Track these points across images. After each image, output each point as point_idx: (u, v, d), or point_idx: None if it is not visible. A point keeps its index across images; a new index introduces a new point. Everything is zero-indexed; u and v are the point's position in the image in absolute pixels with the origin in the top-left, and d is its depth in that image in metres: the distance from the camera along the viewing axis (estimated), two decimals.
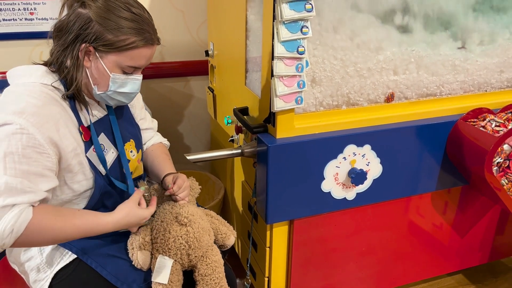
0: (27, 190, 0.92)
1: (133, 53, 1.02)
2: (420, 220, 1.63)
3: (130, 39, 1.00)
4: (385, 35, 1.39)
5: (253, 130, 1.33)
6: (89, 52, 1.01)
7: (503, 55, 1.55)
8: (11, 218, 0.89)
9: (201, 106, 2.23)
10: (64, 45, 1.01)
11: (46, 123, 0.95)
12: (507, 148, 1.36)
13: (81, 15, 0.99)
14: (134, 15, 1.01)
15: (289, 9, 1.10)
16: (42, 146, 0.93)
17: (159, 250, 1.10)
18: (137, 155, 1.21)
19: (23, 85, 1.00)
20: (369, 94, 1.40)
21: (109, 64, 1.02)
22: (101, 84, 1.04)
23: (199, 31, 2.11)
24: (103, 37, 0.99)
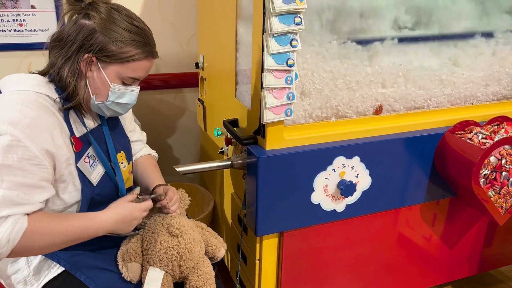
0: (23, 202, 0.92)
1: (134, 65, 1.04)
2: (409, 231, 1.64)
3: (133, 51, 1.02)
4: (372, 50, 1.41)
5: (243, 142, 1.33)
6: (92, 62, 1.02)
7: (488, 69, 1.58)
8: (7, 228, 0.89)
9: (191, 118, 2.23)
10: (67, 55, 1.02)
11: (41, 134, 0.95)
12: (494, 160, 1.38)
13: (85, 26, 1.00)
14: (137, 28, 1.04)
15: (279, 22, 1.11)
16: (37, 157, 0.93)
17: (150, 262, 1.09)
18: (128, 167, 1.21)
19: (17, 93, 0.99)
20: (358, 107, 1.41)
21: (110, 74, 1.03)
22: (100, 94, 1.06)
23: (189, 43, 2.12)
24: (107, 48, 1.00)
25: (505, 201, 1.47)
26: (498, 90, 1.63)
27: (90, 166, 1.07)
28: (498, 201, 1.46)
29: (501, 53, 1.60)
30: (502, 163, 1.39)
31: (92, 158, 1.09)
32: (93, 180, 1.08)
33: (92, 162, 1.09)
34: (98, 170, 1.10)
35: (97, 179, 1.09)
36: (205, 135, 1.98)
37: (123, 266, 1.08)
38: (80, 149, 1.05)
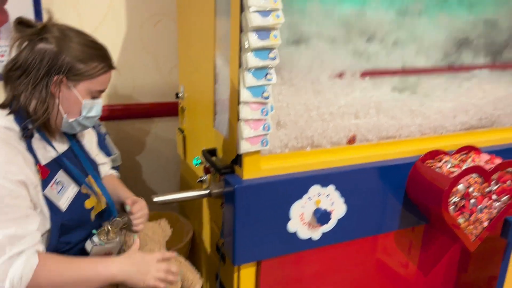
0: (23, 234, 0.95)
1: (102, 78, 1.11)
2: (385, 258, 1.67)
3: (99, 66, 1.08)
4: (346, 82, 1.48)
5: (220, 171, 1.36)
6: (61, 83, 1.05)
7: (455, 100, 1.67)
8: (19, 265, 0.92)
9: (171, 147, 2.25)
10: (35, 82, 1.03)
11: (9, 168, 0.97)
12: (462, 188, 1.44)
13: (47, 49, 1.03)
14: (94, 43, 1.10)
15: (254, 57, 1.16)
16: (14, 191, 0.95)
17: None
18: (97, 189, 1.22)
19: None
20: (332, 137, 1.46)
21: (81, 91, 1.08)
22: (72, 112, 1.09)
23: (170, 73, 2.17)
24: (75, 67, 1.05)
25: (475, 228, 1.52)
26: (466, 121, 1.70)
27: (58, 192, 1.08)
28: (468, 227, 1.51)
29: (467, 84, 1.69)
30: (470, 191, 1.45)
31: (60, 184, 1.10)
32: (61, 206, 1.08)
33: (60, 188, 1.10)
34: (67, 195, 1.11)
35: (66, 205, 1.10)
36: (185, 164, 2.00)
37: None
38: (47, 176, 1.07)
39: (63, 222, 1.08)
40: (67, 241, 1.11)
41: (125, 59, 2.06)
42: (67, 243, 1.11)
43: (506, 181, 1.52)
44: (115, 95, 2.10)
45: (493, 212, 1.54)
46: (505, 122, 1.80)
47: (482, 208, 1.50)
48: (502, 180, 1.51)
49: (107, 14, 1.97)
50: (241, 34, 1.16)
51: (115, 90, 2.09)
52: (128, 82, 2.11)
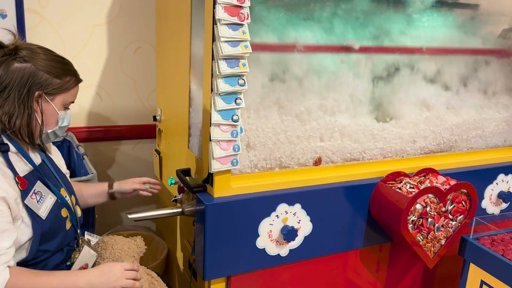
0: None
1: (74, 91, 1.22)
2: (353, 276, 1.74)
3: (72, 79, 1.19)
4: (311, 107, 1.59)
5: (192, 190, 1.43)
6: (40, 97, 1.14)
7: (414, 127, 1.79)
8: None
9: (148, 168, 2.32)
10: (18, 100, 1.11)
11: None
12: (419, 207, 1.54)
13: (26, 68, 1.11)
14: (63, 59, 1.21)
15: (224, 83, 1.26)
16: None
17: None
18: (71, 199, 1.29)
19: None
20: (299, 158, 1.56)
21: (58, 104, 1.18)
22: (49, 123, 1.18)
23: (149, 98, 2.25)
24: (52, 82, 1.15)
25: (433, 245, 1.62)
26: (425, 145, 1.83)
27: (37, 201, 1.15)
28: (426, 245, 1.60)
29: (426, 113, 1.82)
30: (427, 210, 1.56)
31: (38, 194, 1.16)
32: (41, 214, 1.14)
33: (39, 197, 1.16)
34: (46, 204, 1.17)
35: (45, 213, 1.16)
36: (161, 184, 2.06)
37: None
38: (26, 187, 1.13)
39: (44, 230, 1.13)
40: (46, 249, 1.16)
41: (106, 83, 2.14)
42: (45, 251, 1.16)
43: (461, 201, 1.63)
44: (95, 117, 2.17)
45: (450, 231, 1.64)
46: (462, 146, 1.93)
47: (439, 226, 1.60)
48: (457, 200, 1.62)
49: (89, 39, 2.05)
50: (213, 61, 1.26)
51: (95, 113, 2.16)
52: (107, 105, 2.18)
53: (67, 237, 1.24)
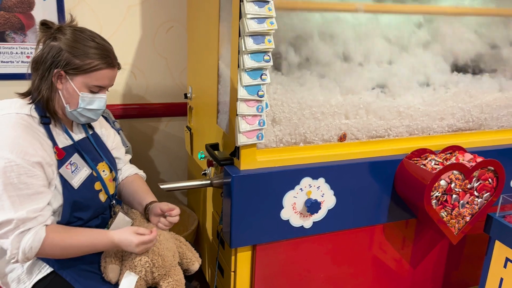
0: (34, 215, 1.12)
1: (97, 74, 1.23)
2: (374, 250, 1.78)
3: (95, 63, 1.21)
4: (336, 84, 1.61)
5: (220, 163, 1.50)
6: (61, 76, 1.20)
7: (442, 104, 1.78)
8: (29, 239, 1.11)
9: (180, 144, 2.41)
10: (43, 74, 1.20)
11: (27, 150, 1.13)
12: (444, 184, 1.55)
13: (53, 46, 1.20)
14: (97, 44, 1.23)
15: (250, 59, 1.31)
16: (30, 170, 1.12)
17: (126, 266, 1.23)
18: (109, 175, 1.38)
19: (3, 117, 1.18)
20: (324, 135, 1.59)
21: (78, 84, 1.22)
22: (72, 103, 1.24)
23: (180, 76, 2.33)
24: (72, 62, 1.19)
25: (457, 222, 1.63)
26: (453, 123, 1.82)
27: (72, 172, 1.24)
28: (450, 221, 1.61)
29: (454, 89, 1.80)
30: (452, 187, 1.56)
31: (74, 165, 1.26)
32: (74, 184, 1.24)
33: (74, 168, 1.26)
34: (80, 175, 1.27)
35: (78, 184, 1.25)
36: (191, 159, 2.15)
37: (105, 267, 1.22)
38: (63, 157, 1.23)
39: (76, 199, 1.23)
40: (79, 216, 1.26)
41: (140, 63, 2.23)
42: (79, 219, 1.26)
43: (487, 179, 1.63)
44: (130, 95, 2.27)
45: (475, 208, 1.65)
46: (492, 125, 1.90)
47: (464, 203, 1.61)
48: (483, 177, 1.61)
49: (124, 20, 2.14)
50: (239, 38, 1.31)
51: (129, 91, 2.26)
52: (141, 84, 2.27)
53: (101, 207, 1.34)
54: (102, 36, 1.28)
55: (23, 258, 1.12)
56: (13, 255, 1.12)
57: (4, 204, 1.09)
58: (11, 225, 1.10)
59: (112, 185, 1.39)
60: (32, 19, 1.98)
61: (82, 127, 1.37)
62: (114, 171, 1.41)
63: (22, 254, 1.11)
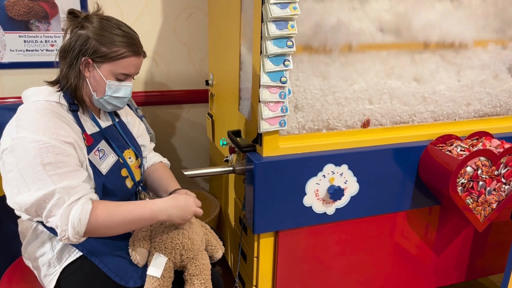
0: (76, 185, 1.13)
1: (124, 62, 1.24)
2: (397, 237, 1.77)
3: (121, 51, 1.22)
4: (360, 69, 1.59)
5: (242, 149, 1.50)
6: (88, 64, 1.22)
7: (469, 90, 1.74)
8: (76, 211, 1.11)
9: (201, 131, 2.42)
10: (71, 62, 1.22)
11: (58, 132, 1.15)
12: (470, 170, 1.52)
13: (81, 35, 1.21)
14: (124, 32, 1.24)
15: (273, 45, 1.30)
16: (65, 150, 1.14)
17: (156, 248, 1.26)
18: (135, 162, 1.40)
19: (33, 104, 1.20)
20: (347, 121, 1.57)
21: (104, 72, 1.23)
22: (99, 91, 1.25)
23: (201, 63, 2.33)
24: (99, 50, 1.21)
25: (484, 209, 1.60)
26: (480, 108, 1.77)
27: (100, 158, 1.27)
28: (476, 208, 1.59)
29: (482, 75, 1.76)
30: (479, 173, 1.53)
31: (101, 151, 1.28)
32: (102, 170, 1.26)
33: (102, 155, 1.28)
34: (108, 162, 1.29)
35: (106, 170, 1.27)
36: (213, 146, 2.16)
37: (133, 250, 1.25)
38: (91, 143, 1.25)
39: (104, 183, 1.26)
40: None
41: (161, 50, 2.24)
42: None
43: None
44: (151, 83, 2.28)
45: (502, 195, 1.61)
46: None
47: (490, 190, 1.58)
48: (511, 164, 1.58)
49: (144, 8, 2.14)
50: (262, 24, 1.30)
51: (151, 78, 2.28)
52: (163, 71, 2.28)
53: (127, 193, 1.36)
54: (128, 25, 1.29)
55: (73, 234, 1.11)
56: (63, 232, 1.11)
57: (45, 182, 1.10)
58: (55, 196, 1.10)
59: (138, 172, 1.41)
60: (55, 8, 2.00)
61: (109, 115, 1.39)
62: (140, 158, 1.43)
63: (72, 229, 1.11)
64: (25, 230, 1.33)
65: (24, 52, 2.01)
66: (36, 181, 1.10)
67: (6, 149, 1.13)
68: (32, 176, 1.10)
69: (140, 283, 1.24)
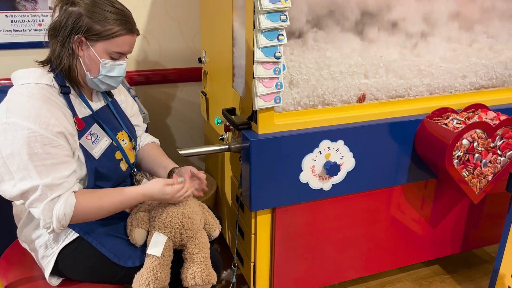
0: (60, 182, 1.12)
1: (118, 40, 1.20)
2: (393, 210, 1.78)
3: (115, 28, 1.19)
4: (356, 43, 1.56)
5: (238, 127, 1.49)
6: (82, 42, 1.18)
7: (465, 61, 1.72)
8: (60, 206, 1.12)
9: (195, 110, 2.40)
10: (63, 41, 1.18)
11: (49, 120, 1.12)
12: (466, 143, 1.52)
13: (72, 12, 1.17)
14: (117, 9, 1.20)
15: (266, 19, 1.27)
16: (54, 140, 1.11)
17: (155, 227, 1.26)
18: (128, 144, 1.38)
19: (23, 87, 1.16)
20: (342, 96, 1.56)
21: (99, 51, 1.20)
22: (93, 70, 1.22)
23: (194, 40, 2.28)
24: (93, 28, 1.17)
25: (479, 181, 1.61)
26: (476, 81, 1.76)
27: (92, 142, 1.24)
28: (472, 181, 1.59)
29: (478, 45, 1.74)
30: (474, 146, 1.53)
31: (94, 135, 1.26)
32: (95, 154, 1.24)
33: (94, 139, 1.26)
34: (100, 145, 1.27)
35: (99, 154, 1.25)
36: (208, 124, 2.15)
37: (131, 230, 1.25)
38: (83, 127, 1.23)
39: (97, 168, 1.24)
40: (101, 186, 1.27)
41: (152, 27, 2.19)
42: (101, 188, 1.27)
43: (511, 137, 1.59)
44: (143, 61, 2.24)
45: (498, 167, 1.62)
46: None
47: (486, 162, 1.58)
48: (507, 136, 1.58)
49: None
50: None
51: (143, 57, 2.23)
52: (155, 49, 2.24)
53: (122, 176, 1.35)
54: (120, 2, 1.25)
55: (58, 226, 1.13)
56: (47, 224, 1.13)
57: (30, 173, 1.09)
58: (37, 191, 1.10)
59: (132, 154, 1.39)
60: None
61: (101, 95, 1.36)
62: (134, 140, 1.42)
63: (57, 222, 1.12)
64: (19, 212, 1.31)
65: (12, 32, 1.96)
66: (20, 170, 1.09)
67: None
68: (18, 165, 1.09)
69: (138, 262, 1.24)
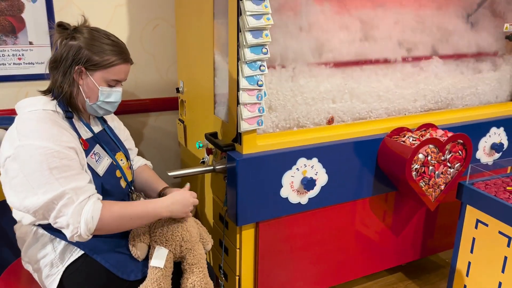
0: (83, 185, 1.21)
1: (115, 69, 1.34)
2: (361, 221, 1.97)
3: (112, 58, 1.32)
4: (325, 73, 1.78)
5: (223, 149, 1.63)
6: (82, 72, 1.31)
7: (415, 87, 1.98)
8: (89, 208, 1.19)
9: (169, 137, 2.51)
10: (64, 72, 1.30)
11: (60, 137, 1.22)
12: (422, 157, 1.75)
13: (73, 45, 1.30)
14: (113, 42, 1.35)
15: (250, 52, 1.44)
16: (68, 155, 1.21)
17: (157, 241, 1.35)
18: (126, 163, 1.49)
19: (31, 113, 1.26)
20: (314, 118, 1.75)
21: (97, 79, 1.32)
22: (92, 97, 1.34)
23: (168, 71, 2.42)
24: (92, 59, 1.30)
25: (434, 190, 1.84)
26: (425, 104, 2.02)
27: (96, 161, 1.35)
28: (428, 190, 1.82)
29: (425, 73, 2.01)
30: (429, 159, 1.76)
31: (97, 155, 1.37)
32: (99, 172, 1.35)
33: (98, 158, 1.37)
34: (103, 164, 1.38)
35: (102, 171, 1.36)
36: (185, 150, 2.26)
37: (133, 245, 1.34)
38: (88, 147, 1.34)
39: (103, 184, 1.34)
40: None
41: None
42: None
43: (458, 151, 1.84)
44: None
45: (448, 177, 1.86)
46: (458, 104, 2.13)
47: (439, 173, 1.82)
48: (454, 150, 1.83)
49: (111, 20, 2.21)
50: (239, 33, 1.44)
51: None
52: (130, 81, 2.35)
53: (122, 193, 1.45)
54: (114, 35, 1.38)
55: (85, 230, 1.18)
56: (75, 229, 1.17)
57: (53, 186, 1.16)
58: (64, 197, 1.16)
59: (129, 172, 1.49)
60: (22, 22, 2.02)
61: (98, 120, 1.47)
62: (129, 160, 1.52)
63: (85, 225, 1.17)
64: (24, 235, 1.37)
65: None
66: (43, 185, 1.16)
67: (9, 156, 1.19)
68: (39, 181, 1.16)
69: (140, 275, 1.33)
